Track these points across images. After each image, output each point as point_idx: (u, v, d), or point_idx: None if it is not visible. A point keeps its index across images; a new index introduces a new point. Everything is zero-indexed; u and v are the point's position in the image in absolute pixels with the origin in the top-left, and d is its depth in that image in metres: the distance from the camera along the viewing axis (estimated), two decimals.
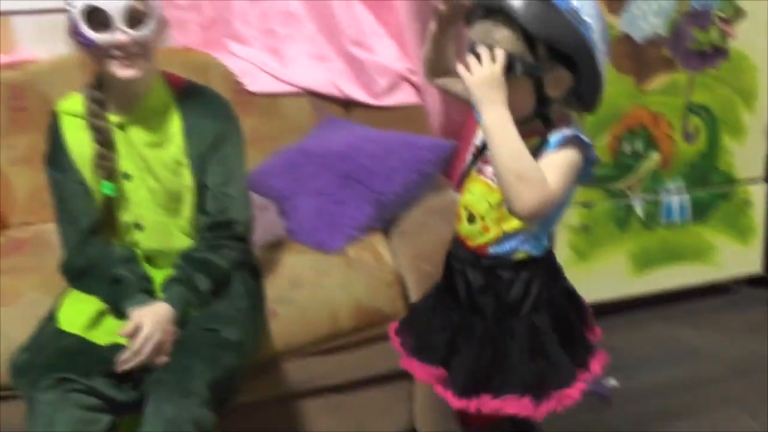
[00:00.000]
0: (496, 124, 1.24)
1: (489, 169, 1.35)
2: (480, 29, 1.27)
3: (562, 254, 2.43)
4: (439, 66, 1.42)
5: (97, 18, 1.47)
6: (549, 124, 1.30)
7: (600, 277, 2.49)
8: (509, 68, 1.24)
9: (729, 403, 2.14)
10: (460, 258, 1.43)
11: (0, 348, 1.60)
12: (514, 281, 1.38)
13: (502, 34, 1.24)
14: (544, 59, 1.25)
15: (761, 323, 2.53)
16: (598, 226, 2.45)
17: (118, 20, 1.47)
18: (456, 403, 1.39)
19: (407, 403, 1.90)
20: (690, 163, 2.49)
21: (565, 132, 1.29)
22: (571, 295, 1.48)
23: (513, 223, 1.35)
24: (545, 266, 1.42)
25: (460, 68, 1.27)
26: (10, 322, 1.67)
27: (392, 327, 1.56)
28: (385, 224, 2.00)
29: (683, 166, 2.49)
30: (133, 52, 1.50)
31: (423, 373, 1.45)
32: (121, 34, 1.48)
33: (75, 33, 1.51)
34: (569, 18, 1.24)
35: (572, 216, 2.42)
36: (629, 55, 2.32)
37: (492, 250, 1.38)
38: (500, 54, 1.24)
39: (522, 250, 1.38)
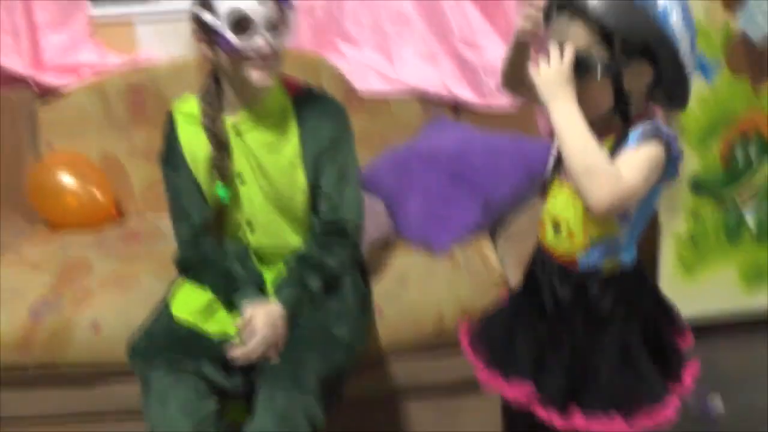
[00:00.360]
0: (564, 120, 1.22)
1: None
2: (555, 27, 1.26)
3: (668, 266, 2.35)
4: (516, 78, 1.39)
5: (238, 22, 1.51)
6: (629, 121, 1.26)
7: (707, 291, 2.39)
8: (583, 66, 1.21)
9: None
10: (546, 270, 1.39)
11: (121, 327, 1.70)
12: (605, 294, 1.33)
13: (576, 29, 1.22)
14: (621, 53, 1.22)
15: None
16: (706, 237, 2.36)
17: (261, 26, 1.51)
18: (555, 421, 1.34)
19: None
20: None
21: (645, 126, 1.24)
22: (661, 302, 1.43)
23: (600, 230, 1.31)
24: (635, 277, 1.36)
25: (530, 68, 1.26)
26: (127, 305, 1.77)
27: (463, 331, 1.51)
28: (493, 226, 2.00)
29: None
30: (269, 58, 1.54)
31: (513, 391, 1.40)
32: (261, 40, 1.51)
33: (213, 35, 1.53)
34: (644, 7, 1.20)
35: (679, 225, 2.34)
36: (745, 55, 2.22)
37: (581, 260, 1.34)
38: (568, 51, 1.21)
39: (611, 260, 1.33)
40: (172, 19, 2.34)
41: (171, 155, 1.66)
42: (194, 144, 1.63)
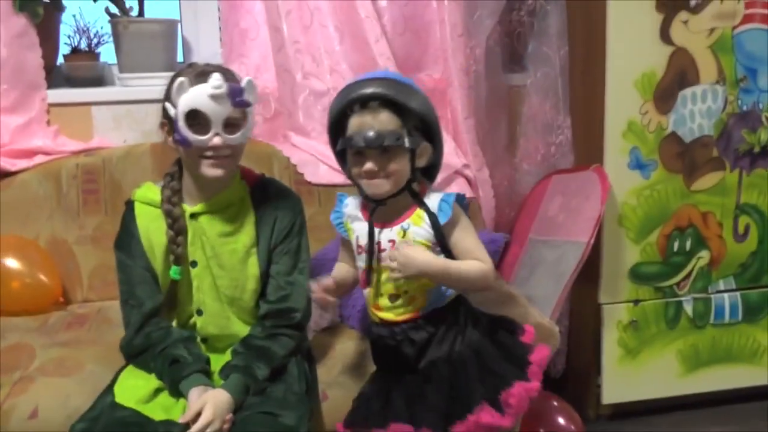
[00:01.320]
0: (440, 275, 1.50)
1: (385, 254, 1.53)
2: (360, 120, 1.47)
3: (612, 351, 2.42)
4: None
5: (196, 119, 1.57)
6: (415, 193, 1.53)
7: (649, 375, 2.46)
8: (394, 145, 1.45)
9: None
10: (395, 336, 1.56)
11: (61, 416, 1.65)
12: (454, 322, 1.55)
13: (384, 116, 1.46)
14: (418, 134, 1.49)
15: None
16: (647, 323, 2.44)
17: (216, 125, 1.57)
18: None
19: None
20: (740, 262, 2.48)
21: (441, 199, 1.52)
22: (495, 317, 1.64)
23: (431, 283, 1.53)
24: (463, 300, 1.59)
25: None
26: (70, 392, 1.72)
27: (339, 426, 1.61)
28: None
29: (733, 265, 2.48)
30: (223, 155, 1.60)
31: None
32: (216, 138, 1.57)
33: (172, 129, 1.60)
34: (425, 97, 1.51)
35: (621, 312, 2.41)
36: (678, 154, 2.36)
37: (424, 310, 1.54)
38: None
39: (448, 295, 1.56)
40: (128, 105, 2.40)
41: (128, 243, 1.68)
42: (151, 231, 1.67)
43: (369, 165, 1.47)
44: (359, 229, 1.58)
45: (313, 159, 2.34)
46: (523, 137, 2.56)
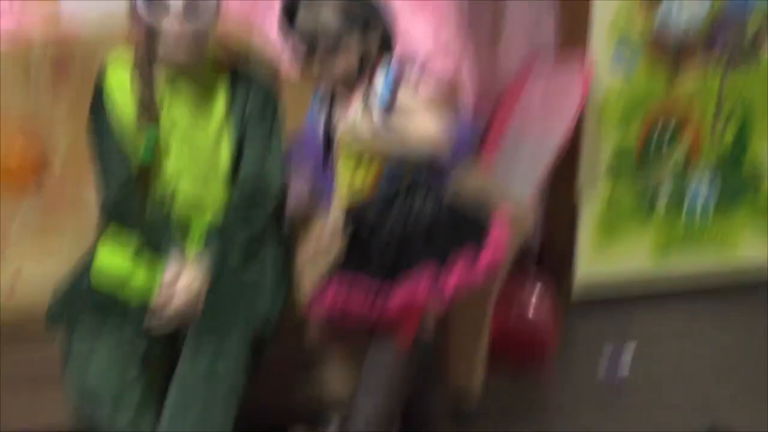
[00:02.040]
0: (402, 147, 1.55)
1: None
2: (305, 17, 1.53)
3: (590, 231, 2.48)
4: None
5: (154, 6, 1.52)
6: (371, 72, 1.59)
7: (624, 258, 2.54)
8: (341, 42, 1.53)
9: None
10: (359, 216, 1.63)
11: (43, 300, 1.64)
12: (412, 192, 1.61)
13: (329, 17, 1.51)
14: (363, 27, 1.55)
15: None
16: (624, 208, 2.50)
17: (176, 11, 1.53)
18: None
19: None
20: (718, 154, 2.51)
21: (387, 68, 1.57)
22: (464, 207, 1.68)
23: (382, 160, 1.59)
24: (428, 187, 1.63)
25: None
26: (49, 276, 1.71)
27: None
28: None
29: (712, 157, 2.51)
30: (183, 41, 1.56)
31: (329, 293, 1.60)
32: (177, 24, 1.53)
33: (134, 14, 1.56)
34: None
35: (598, 203, 2.47)
36: (664, 47, 2.33)
37: (379, 192, 1.61)
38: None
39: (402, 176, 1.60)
40: None
41: (101, 110, 1.66)
42: (126, 96, 1.64)
43: (316, 66, 1.56)
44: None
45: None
46: (508, 28, 2.51)
